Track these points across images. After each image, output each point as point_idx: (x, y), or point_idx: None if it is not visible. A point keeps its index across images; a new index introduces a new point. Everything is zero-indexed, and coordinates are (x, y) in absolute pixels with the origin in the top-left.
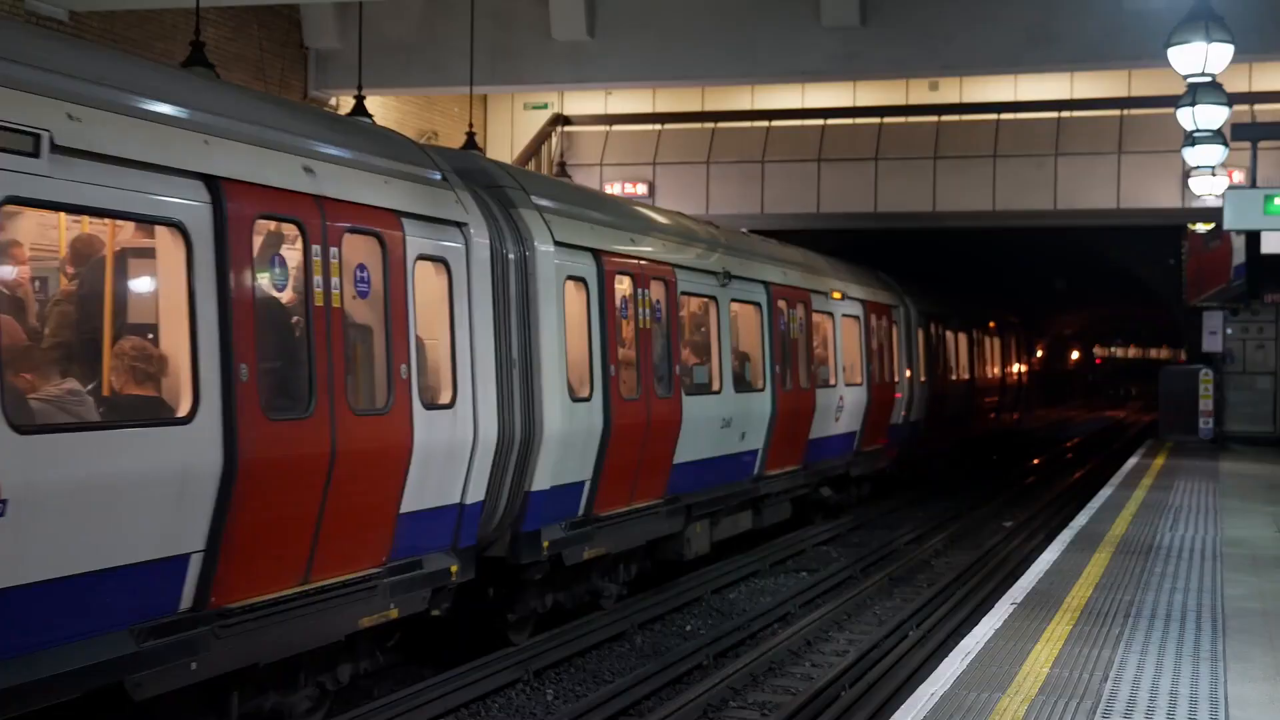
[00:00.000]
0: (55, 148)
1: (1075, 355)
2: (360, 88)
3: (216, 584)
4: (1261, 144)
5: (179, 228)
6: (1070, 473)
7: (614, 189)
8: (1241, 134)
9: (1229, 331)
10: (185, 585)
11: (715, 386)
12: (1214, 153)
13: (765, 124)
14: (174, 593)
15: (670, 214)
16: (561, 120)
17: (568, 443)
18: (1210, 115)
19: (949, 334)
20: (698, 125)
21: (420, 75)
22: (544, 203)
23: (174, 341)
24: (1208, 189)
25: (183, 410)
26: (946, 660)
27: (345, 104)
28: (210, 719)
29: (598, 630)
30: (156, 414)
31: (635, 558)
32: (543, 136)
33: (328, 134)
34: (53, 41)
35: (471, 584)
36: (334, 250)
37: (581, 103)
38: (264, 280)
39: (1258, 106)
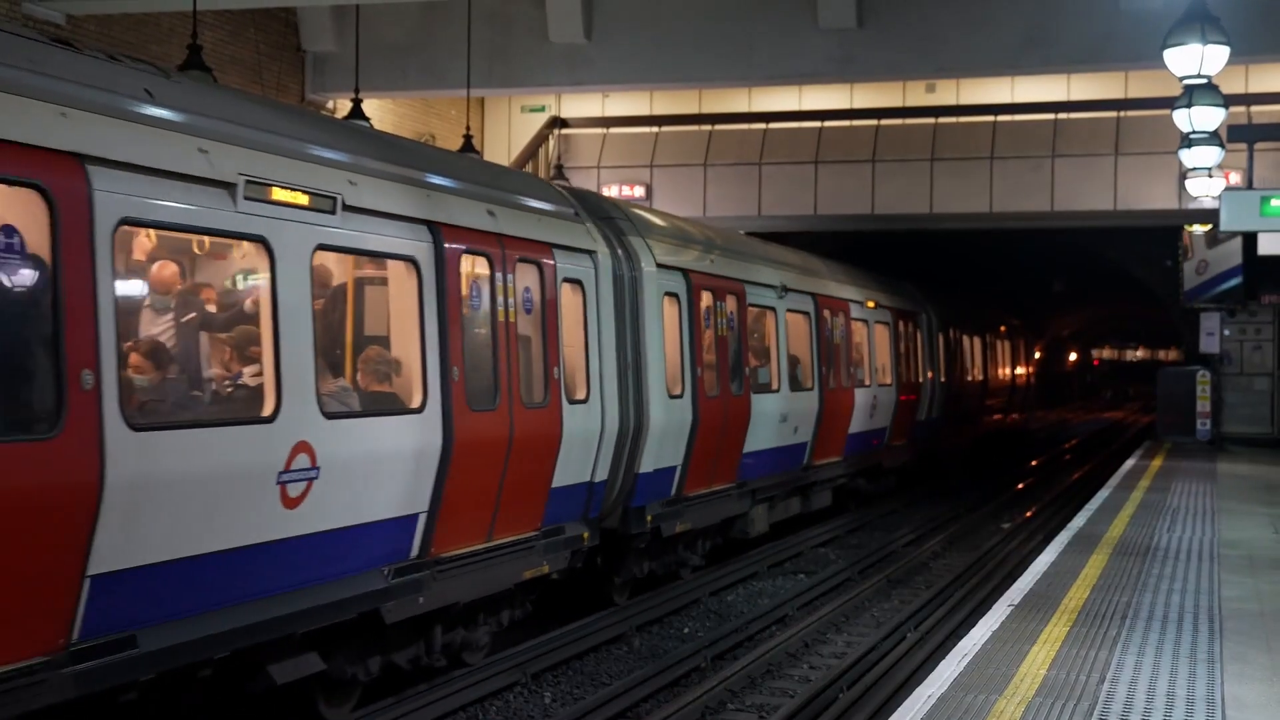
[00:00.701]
0: (345, 206)
1: (1073, 356)
2: (357, 90)
3: (435, 538)
4: (1258, 145)
5: (412, 261)
6: (1068, 474)
7: (611, 191)
8: (1238, 135)
9: (1226, 333)
10: (415, 537)
11: (775, 386)
12: (1210, 154)
13: (762, 126)
14: (408, 542)
15: (738, 237)
16: (559, 123)
17: (665, 433)
18: (1206, 117)
19: (964, 338)
20: (695, 127)
21: (417, 78)
22: (646, 231)
23: (408, 350)
24: (1204, 190)
25: (415, 402)
26: (944, 662)
27: (343, 107)
28: (418, 646)
29: (596, 633)
30: (401, 405)
31: (710, 534)
32: (540, 139)
33: (501, 182)
34: (334, 126)
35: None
36: (510, 276)
37: (579, 105)
38: (466, 301)
39: (1254, 108)
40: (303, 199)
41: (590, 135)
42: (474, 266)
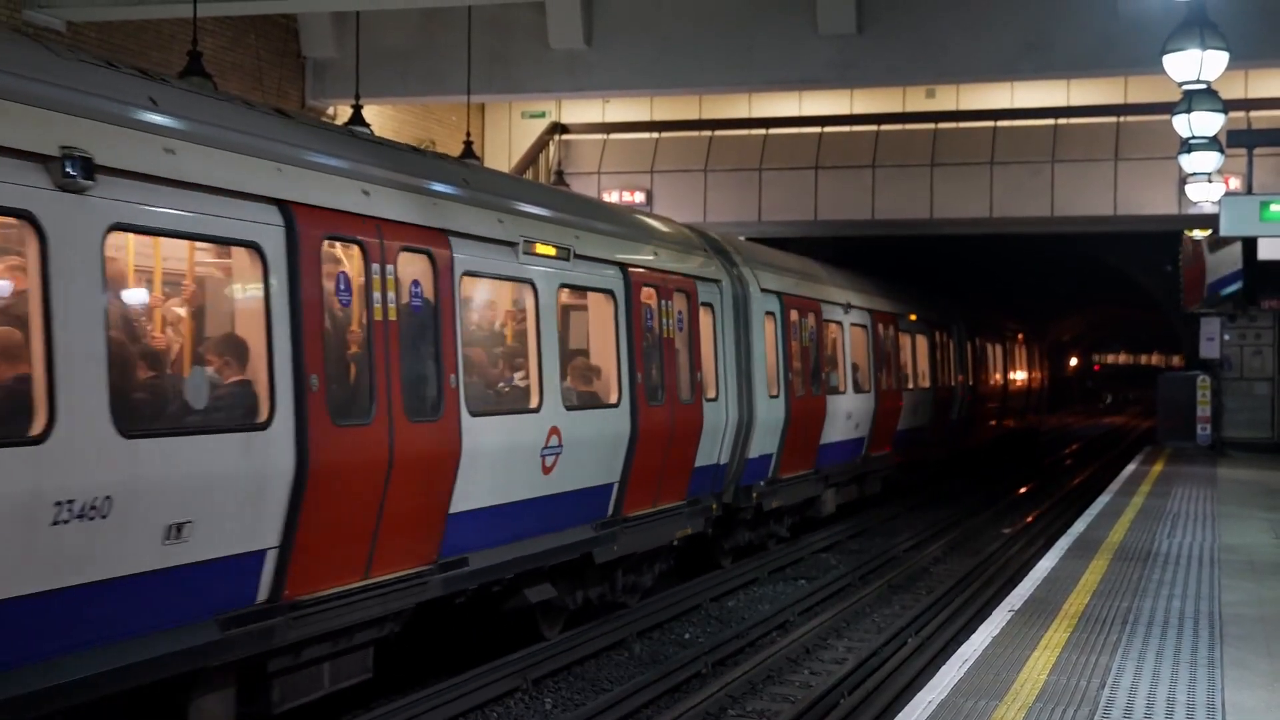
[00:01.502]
0: (575, 255)
1: (1074, 361)
2: (358, 97)
3: (625, 502)
4: (1257, 150)
5: (611, 294)
6: (1070, 478)
7: (611, 197)
8: (1237, 140)
9: (1226, 338)
10: (611, 501)
11: (842, 388)
12: (1210, 159)
13: (763, 132)
14: (607, 504)
15: (814, 264)
16: (559, 129)
17: (766, 426)
18: (1206, 122)
19: (987, 345)
20: (695, 133)
21: (418, 84)
22: (752, 262)
23: (606, 360)
24: (1204, 195)
25: (612, 399)
26: (944, 668)
27: (343, 113)
28: (604, 585)
29: (597, 639)
30: (602, 401)
31: (793, 512)
32: (540, 145)
33: (661, 231)
34: (566, 197)
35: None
36: (669, 303)
37: (579, 111)
38: (643, 322)
39: (1253, 113)
40: (552, 251)
41: (591, 141)
42: (649, 297)
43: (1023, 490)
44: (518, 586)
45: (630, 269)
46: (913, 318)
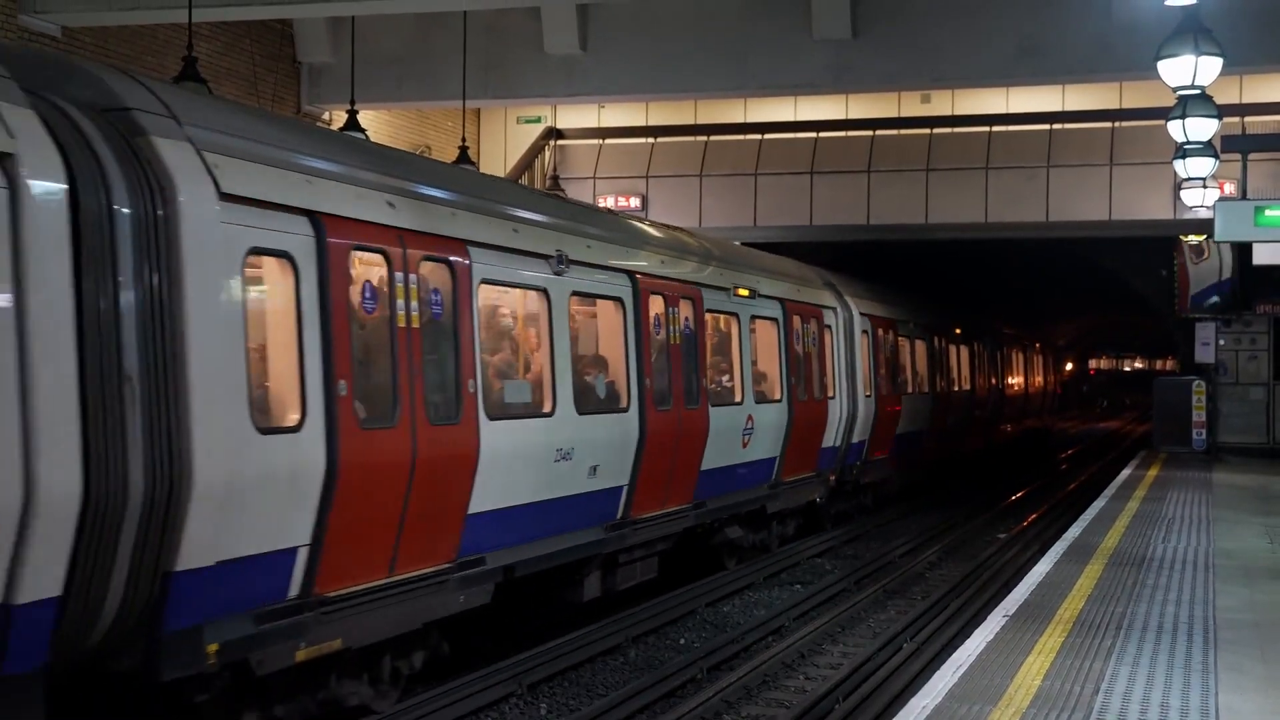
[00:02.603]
0: (759, 296)
1: (1069, 366)
2: (353, 102)
3: (782, 471)
4: (1252, 155)
5: (775, 321)
6: (1065, 483)
7: (607, 202)
8: (1231, 146)
9: (1221, 342)
10: (774, 469)
11: (909, 390)
12: (1204, 164)
13: (758, 137)
14: (771, 472)
15: (892, 290)
16: (554, 134)
17: (864, 419)
18: (1200, 128)
19: (1011, 353)
20: (690, 138)
21: (413, 89)
22: (851, 290)
23: (771, 369)
24: (1199, 200)
25: (776, 395)
26: (938, 673)
27: (338, 118)
28: (763, 533)
29: (592, 643)
30: (770, 398)
31: (874, 489)
32: (536, 150)
33: (793, 273)
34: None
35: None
36: (807, 325)
37: (574, 116)
38: (797, 339)
39: (1248, 118)
40: (746, 293)
41: (586, 146)
42: (798, 322)
43: (1020, 495)
44: (721, 526)
45: (790, 303)
46: (958, 331)
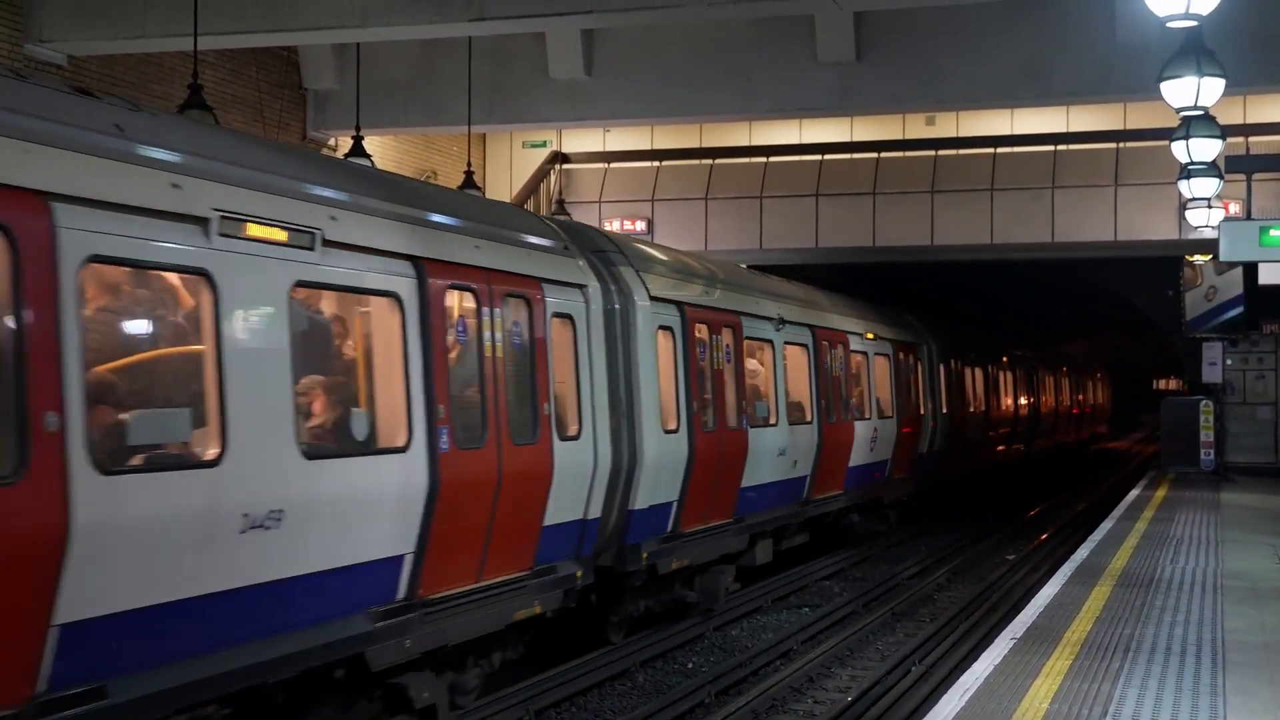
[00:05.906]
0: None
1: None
2: (359, 128)
3: (814, 487)
4: (1256, 175)
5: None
6: (1074, 505)
7: (613, 226)
8: (1236, 166)
9: (1229, 362)
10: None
11: (972, 409)
12: (1209, 185)
13: (763, 160)
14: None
15: (959, 329)
16: (560, 158)
17: (933, 430)
18: (1204, 148)
19: (1046, 376)
20: (696, 161)
21: (418, 115)
22: (936, 334)
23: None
24: (1204, 221)
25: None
26: (945, 697)
27: (344, 144)
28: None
29: (599, 669)
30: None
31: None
32: (541, 174)
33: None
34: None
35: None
36: (837, 349)
37: (580, 140)
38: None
39: (1252, 139)
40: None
41: (592, 170)
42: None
43: (1028, 515)
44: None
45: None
46: (1005, 360)
